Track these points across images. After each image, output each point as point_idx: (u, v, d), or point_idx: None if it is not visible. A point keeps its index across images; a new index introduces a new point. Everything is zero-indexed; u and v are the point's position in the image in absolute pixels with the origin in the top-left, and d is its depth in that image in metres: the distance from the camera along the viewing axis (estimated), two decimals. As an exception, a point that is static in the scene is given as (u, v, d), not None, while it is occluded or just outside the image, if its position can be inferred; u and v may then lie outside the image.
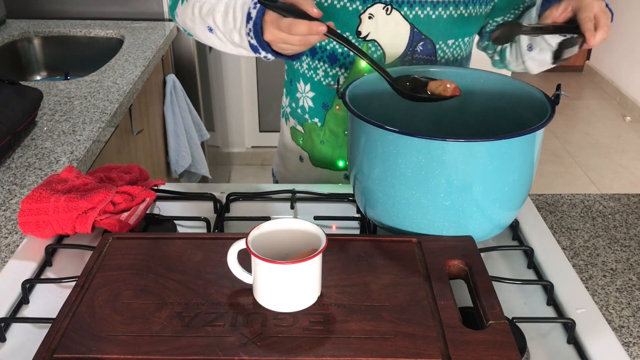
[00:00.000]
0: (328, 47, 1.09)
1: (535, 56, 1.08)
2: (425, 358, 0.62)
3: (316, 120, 1.17)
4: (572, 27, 0.90)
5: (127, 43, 2.02)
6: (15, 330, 0.74)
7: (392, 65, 1.09)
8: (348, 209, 1.02)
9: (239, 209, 1.02)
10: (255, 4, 0.91)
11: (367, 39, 1.06)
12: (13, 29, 2.15)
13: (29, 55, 2.16)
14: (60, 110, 1.49)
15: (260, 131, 3.41)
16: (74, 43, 2.17)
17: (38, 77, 2.17)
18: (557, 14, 0.91)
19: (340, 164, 1.20)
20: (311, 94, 1.16)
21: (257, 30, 0.91)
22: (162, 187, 1.03)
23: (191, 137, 2.24)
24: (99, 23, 2.20)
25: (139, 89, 1.75)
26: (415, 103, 1.02)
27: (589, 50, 4.80)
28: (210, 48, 2.36)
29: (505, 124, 0.95)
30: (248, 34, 0.93)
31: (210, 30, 1.00)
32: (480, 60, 1.30)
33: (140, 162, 1.88)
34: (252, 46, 0.94)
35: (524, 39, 1.07)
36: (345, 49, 1.06)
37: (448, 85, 0.88)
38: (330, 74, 1.12)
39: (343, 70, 1.11)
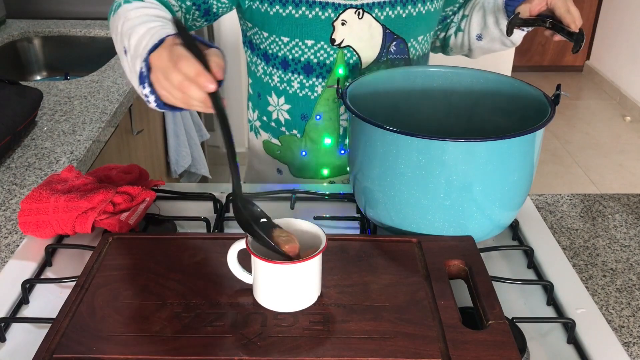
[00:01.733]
0: (302, 59, 1.07)
1: (484, 45, 1.16)
2: (425, 358, 0.62)
3: (295, 132, 1.15)
4: (547, 20, 0.99)
5: (127, 43, 2.02)
6: (15, 330, 0.74)
7: (368, 68, 1.09)
8: (348, 209, 1.02)
9: (239, 209, 1.02)
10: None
11: (342, 45, 1.06)
12: (13, 29, 2.15)
13: (29, 55, 2.16)
14: (60, 110, 1.49)
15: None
16: (74, 43, 2.17)
17: (38, 77, 2.17)
18: (533, 7, 0.99)
19: (325, 172, 1.18)
20: (287, 107, 1.13)
21: (152, 48, 0.76)
22: (162, 187, 1.03)
23: (191, 137, 2.24)
24: (99, 23, 2.20)
25: (139, 89, 1.74)
26: (414, 103, 1.02)
27: (589, 50, 4.80)
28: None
29: (505, 124, 0.95)
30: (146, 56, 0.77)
31: (125, 52, 0.84)
32: (460, 57, 1.31)
33: (140, 162, 1.87)
34: (140, 73, 0.78)
35: (474, 30, 1.15)
36: (321, 58, 1.06)
37: (288, 244, 0.70)
38: (307, 85, 1.10)
39: (320, 80, 1.09)
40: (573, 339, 0.74)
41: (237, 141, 3.81)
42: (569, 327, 0.74)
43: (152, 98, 0.78)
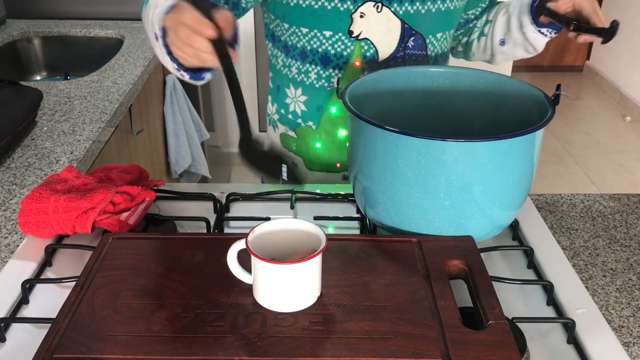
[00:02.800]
0: (320, 50, 1.09)
1: (506, 50, 1.16)
2: (425, 358, 0.62)
3: (310, 123, 1.17)
4: (571, 22, 0.99)
5: (127, 43, 2.02)
6: (15, 330, 0.74)
7: (385, 62, 1.09)
8: (348, 209, 1.02)
9: (239, 209, 1.02)
10: None
11: (360, 37, 1.07)
12: (13, 29, 2.15)
13: (29, 55, 2.16)
14: (60, 110, 1.49)
15: (260, 131, 3.41)
16: (74, 43, 2.17)
17: (38, 77, 2.17)
18: (559, 6, 0.99)
19: (338, 165, 1.20)
20: (303, 98, 1.15)
21: (163, 13, 0.77)
22: (162, 187, 1.03)
23: (191, 137, 2.24)
24: (99, 23, 2.20)
25: (139, 89, 1.74)
26: (414, 103, 1.02)
27: (589, 50, 4.80)
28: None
29: (505, 124, 0.95)
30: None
31: (157, 38, 0.87)
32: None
33: (140, 162, 1.87)
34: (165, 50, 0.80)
35: (497, 35, 1.14)
36: (338, 49, 1.07)
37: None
38: (324, 76, 1.11)
39: (337, 71, 1.10)
40: (573, 339, 0.74)
41: (237, 141, 3.78)
42: (569, 327, 0.74)
43: (182, 70, 0.81)
